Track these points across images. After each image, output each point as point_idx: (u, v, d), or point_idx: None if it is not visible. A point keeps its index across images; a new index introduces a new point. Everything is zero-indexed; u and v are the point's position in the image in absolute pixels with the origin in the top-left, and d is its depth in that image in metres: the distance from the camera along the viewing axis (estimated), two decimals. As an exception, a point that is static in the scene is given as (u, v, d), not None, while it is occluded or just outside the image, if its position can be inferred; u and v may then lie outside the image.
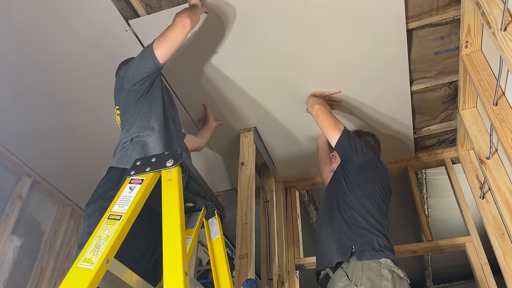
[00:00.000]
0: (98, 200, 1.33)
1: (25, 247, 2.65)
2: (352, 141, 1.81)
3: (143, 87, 1.59)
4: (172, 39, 1.56)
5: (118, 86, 1.68)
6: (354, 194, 1.69)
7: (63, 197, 2.88)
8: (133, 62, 1.61)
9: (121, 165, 1.39)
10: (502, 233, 2.14)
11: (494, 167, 1.98)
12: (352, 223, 1.61)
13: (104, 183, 1.39)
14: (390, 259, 1.49)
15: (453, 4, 1.78)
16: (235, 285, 1.83)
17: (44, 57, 1.92)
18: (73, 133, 2.36)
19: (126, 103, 1.61)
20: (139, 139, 1.48)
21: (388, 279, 1.42)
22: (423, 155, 2.74)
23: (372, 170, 1.79)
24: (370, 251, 1.50)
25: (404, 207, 3.57)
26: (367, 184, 1.72)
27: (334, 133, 1.83)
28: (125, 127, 1.56)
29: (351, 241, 1.56)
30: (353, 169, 1.78)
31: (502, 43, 1.36)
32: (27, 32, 1.81)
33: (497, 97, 1.67)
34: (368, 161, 1.81)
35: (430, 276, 5.16)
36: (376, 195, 1.71)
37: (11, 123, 2.27)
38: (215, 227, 1.41)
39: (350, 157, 1.80)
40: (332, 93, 2.17)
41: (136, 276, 1.07)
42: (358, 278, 1.43)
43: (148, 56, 1.55)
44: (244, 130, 2.43)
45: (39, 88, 2.09)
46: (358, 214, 1.63)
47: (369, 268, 1.45)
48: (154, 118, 1.55)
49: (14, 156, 2.49)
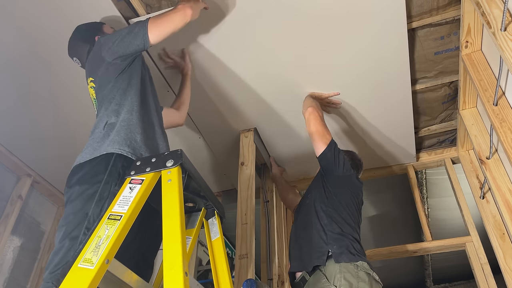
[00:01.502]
0: (83, 185, 1.23)
1: (25, 247, 2.65)
2: (337, 154, 1.85)
3: (125, 62, 1.50)
4: (171, 22, 1.49)
5: (95, 57, 1.54)
6: (332, 204, 1.76)
7: (63, 197, 2.84)
8: (121, 33, 1.49)
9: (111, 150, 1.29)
10: (502, 233, 2.14)
11: (494, 167, 1.98)
12: (328, 229, 1.68)
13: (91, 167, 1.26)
14: (366, 262, 1.56)
15: (453, 4, 1.78)
16: (235, 285, 1.83)
17: (44, 57, 1.92)
18: (73, 133, 2.36)
19: (104, 77, 1.50)
20: (120, 119, 1.38)
21: (365, 281, 1.48)
22: (423, 155, 2.74)
23: (349, 185, 1.86)
24: (347, 254, 1.56)
25: (404, 207, 3.57)
26: (345, 196, 1.80)
27: (321, 143, 1.86)
28: (104, 104, 1.45)
29: (328, 245, 1.62)
30: (332, 181, 1.84)
31: (502, 43, 1.36)
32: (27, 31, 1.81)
33: (497, 97, 1.67)
34: (347, 175, 1.87)
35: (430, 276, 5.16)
36: (352, 206, 1.78)
37: (11, 123, 2.27)
38: (215, 227, 1.41)
39: (331, 169, 1.85)
40: (331, 95, 2.17)
41: (136, 276, 1.06)
42: (337, 280, 1.48)
43: (139, 33, 1.46)
44: (244, 130, 2.43)
45: (39, 88, 2.09)
46: (334, 222, 1.70)
47: (347, 270, 1.51)
48: (133, 96, 1.46)
49: (14, 156, 2.49)
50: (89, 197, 1.19)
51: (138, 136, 1.37)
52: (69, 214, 1.19)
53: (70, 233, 1.14)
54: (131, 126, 1.38)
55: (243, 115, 2.34)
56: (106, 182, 1.22)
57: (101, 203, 1.18)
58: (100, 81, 1.51)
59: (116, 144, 1.30)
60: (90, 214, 1.16)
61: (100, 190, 1.20)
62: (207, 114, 2.34)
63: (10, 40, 1.84)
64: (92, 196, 1.19)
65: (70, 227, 1.15)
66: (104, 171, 1.24)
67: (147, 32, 1.45)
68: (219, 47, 1.95)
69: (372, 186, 3.28)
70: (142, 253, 1.36)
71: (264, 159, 2.59)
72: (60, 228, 1.18)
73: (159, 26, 1.48)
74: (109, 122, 1.38)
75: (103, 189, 1.20)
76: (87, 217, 1.15)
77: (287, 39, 1.89)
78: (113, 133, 1.34)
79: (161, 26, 1.48)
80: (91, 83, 1.56)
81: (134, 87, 1.50)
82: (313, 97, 2.12)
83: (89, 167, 1.27)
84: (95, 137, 1.37)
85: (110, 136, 1.33)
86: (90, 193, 1.20)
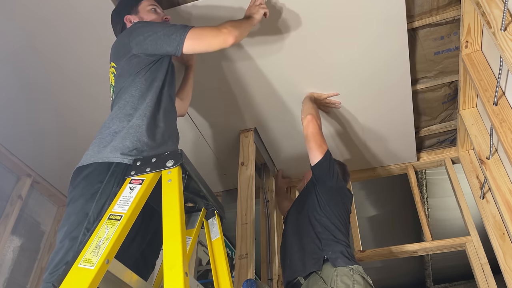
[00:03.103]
0: (85, 185, 1.22)
1: (25, 247, 2.65)
2: (331, 166, 1.90)
3: (151, 59, 1.45)
4: (207, 43, 1.44)
5: (122, 42, 1.48)
6: (325, 213, 1.82)
7: (63, 197, 2.88)
8: (156, 31, 1.43)
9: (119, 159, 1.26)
10: (502, 233, 2.14)
11: (494, 167, 1.98)
12: (322, 237, 1.73)
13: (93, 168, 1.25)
14: (360, 266, 1.62)
15: (453, 4, 1.78)
16: (235, 285, 1.83)
17: (43, 56, 1.92)
18: (73, 133, 2.36)
19: (126, 68, 1.45)
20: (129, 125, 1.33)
21: (361, 284, 1.53)
22: (423, 155, 2.74)
23: (341, 196, 1.92)
24: (343, 258, 1.62)
25: (404, 207, 3.57)
26: (337, 207, 1.85)
27: (318, 152, 1.89)
28: (119, 102, 1.40)
29: (323, 252, 1.67)
30: (325, 191, 1.89)
31: (502, 43, 1.36)
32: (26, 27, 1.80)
33: (497, 97, 1.67)
34: (339, 187, 1.94)
35: (430, 276, 5.17)
36: (343, 215, 1.85)
37: (11, 123, 2.27)
38: (215, 227, 1.41)
39: (325, 179, 1.90)
40: (330, 95, 2.17)
41: (136, 276, 1.06)
42: (334, 282, 1.54)
43: (175, 40, 1.41)
44: (244, 130, 2.43)
45: (39, 88, 2.08)
46: (327, 230, 1.76)
47: (343, 273, 1.56)
48: (150, 101, 1.40)
49: (14, 156, 2.49)
50: (89, 197, 1.19)
51: (144, 143, 1.32)
52: (70, 214, 1.19)
53: (70, 233, 1.14)
54: (138, 133, 1.33)
55: (243, 115, 2.34)
56: (108, 182, 1.22)
57: (102, 204, 1.18)
58: (122, 70, 1.45)
59: (119, 151, 1.27)
60: (90, 214, 1.16)
61: (101, 190, 1.20)
62: (207, 114, 2.35)
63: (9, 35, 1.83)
64: (93, 196, 1.19)
65: (71, 228, 1.15)
66: (106, 171, 1.23)
67: (184, 43, 1.41)
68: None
69: (372, 186, 3.29)
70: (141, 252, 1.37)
71: (264, 159, 2.59)
72: (61, 228, 1.18)
73: (197, 41, 1.43)
74: (119, 126, 1.34)
75: (103, 189, 1.20)
76: (87, 217, 1.15)
77: (287, 38, 1.89)
78: (118, 138, 1.31)
79: (198, 43, 1.43)
80: (112, 68, 1.51)
81: (154, 90, 1.44)
82: (312, 99, 2.11)
83: (92, 168, 1.26)
84: (103, 137, 1.34)
85: (114, 141, 1.30)
86: (91, 193, 1.19)
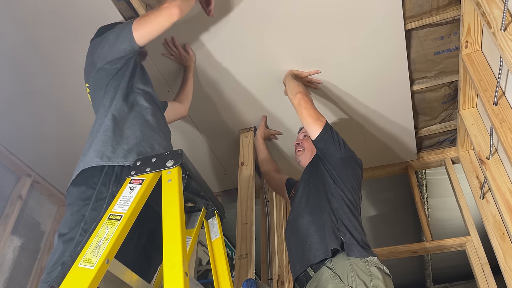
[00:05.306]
0: (80, 187, 1.23)
1: (25, 247, 2.65)
2: (335, 136, 1.75)
3: (115, 66, 1.46)
4: (155, 24, 1.44)
5: (89, 62, 1.52)
6: (340, 187, 1.66)
7: (62, 197, 2.87)
8: (107, 38, 1.47)
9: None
10: (502, 233, 2.14)
11: (494, 167, 1.98)
12: (338, 214, 1.58)
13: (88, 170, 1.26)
14: (376, 257, 1.48)
15: (453, 4, 1.78)
16: (235, 285, 1.83)
17: (43, 56, 1.92)
18: (73, 133, 2.36)
19: (96, 83, 1.47)
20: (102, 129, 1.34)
21: (379, 277, 1.39)
22: (423, 155, 2.74)
23: (353, 166, 1.76)
24: (357, 246, 1.47)
25: (404, 207, 3.57)
26: (350, 179, 1.70)
27: (317, 125, 1.75)
28: (97, 113, 1.44)
29: (340, 232, 1.53)
30: (334, 163, 1.73)
31: (502, 43, 1.36)
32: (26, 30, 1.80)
33: (497, 97, 1.67)
34: (349, 156, 1.77)
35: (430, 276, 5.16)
36: (356, 190, 1.70)
37: (11, 123, 2.27)
38: (215, 227, 1.41)
39: (332, 150, 1.74)
40: (311, 73, 2.08)
41: (136, 276, 1.07)
42: (351, 279, 1.38)
43: (125, 36, 1.43)
44: (244, 130, 2.43)
45: (39, 87, 2.08)
46: (343, 206, 1.61)
47: (358, 267, 1.41)
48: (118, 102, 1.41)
49: (14, 156, 2.48)
50: (85, 199, 1.20)
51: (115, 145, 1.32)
52: (68, 216, 1.21)
53: (67, 235, 1.15)
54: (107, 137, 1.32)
55: (243, 115, 2.34)
56: (102, 184, 1.23)
57: (98, 205, 1.19)
58: (94, 87, 1.49)
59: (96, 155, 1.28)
60: (87, 216, 1.17)
61: (96, 192, 1.22)
62: (207, 114, 2.35)
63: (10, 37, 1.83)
64: (88, 198, 1.20)
65: (68, 229, 1.16)
66: (100, 173, 1.25)
67: (132, 34, 1.42)
68: (221, 47, 1.95)
69: (372, 186, 3.28)
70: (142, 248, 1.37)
71: (264, 159, 2.59)
72: (59, 230, 1.19)
73: (144, 27, 1.43)
74: (95, 130, 1.38)
75: (99, 191, 1.22)
76: (84, 218, 1.16)
77: (287, 38, 1.89)
78: (94, 143, 1.32)
79: (146, 27, 1.43)
80: (87, 88, 1.56)
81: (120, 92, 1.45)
82: (294, 77, 2.01)
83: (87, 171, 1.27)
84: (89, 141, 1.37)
85: (92, 146, 1.32)
86: (86, 196, 1.21)
